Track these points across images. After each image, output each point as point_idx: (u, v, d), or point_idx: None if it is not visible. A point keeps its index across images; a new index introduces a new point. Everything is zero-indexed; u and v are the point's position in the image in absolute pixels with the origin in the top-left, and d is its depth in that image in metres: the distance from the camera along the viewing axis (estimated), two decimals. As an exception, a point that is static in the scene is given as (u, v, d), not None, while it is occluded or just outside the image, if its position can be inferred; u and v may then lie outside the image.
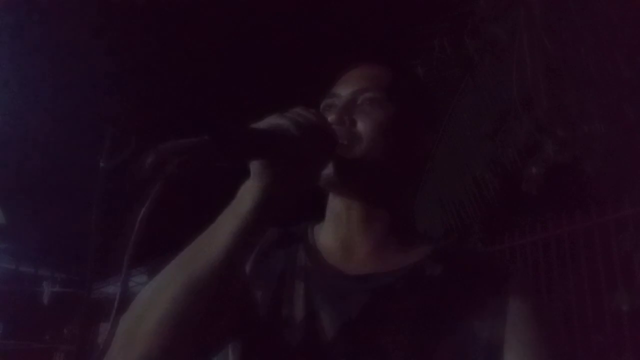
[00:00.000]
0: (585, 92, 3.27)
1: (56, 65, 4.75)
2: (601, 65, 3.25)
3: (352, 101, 1.00)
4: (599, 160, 3.30)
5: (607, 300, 3.47)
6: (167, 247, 0.97)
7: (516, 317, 0.87)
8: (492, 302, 0.88)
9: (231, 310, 0.88)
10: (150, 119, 4.95)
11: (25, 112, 4.91)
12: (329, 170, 0.93)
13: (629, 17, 3.18)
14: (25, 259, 5.57)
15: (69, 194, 5.46)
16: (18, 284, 5.97)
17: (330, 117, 0.97)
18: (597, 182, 3.44)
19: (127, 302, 0.86)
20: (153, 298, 0.83)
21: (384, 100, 0.99)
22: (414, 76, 1.18)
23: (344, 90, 1.03)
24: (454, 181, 4.10)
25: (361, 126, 0.97)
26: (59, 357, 6.40)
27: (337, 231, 1.02)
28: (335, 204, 1.02)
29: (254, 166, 0.81)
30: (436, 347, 0.85)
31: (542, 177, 3.43)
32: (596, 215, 3.66)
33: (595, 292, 3.64)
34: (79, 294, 5.33)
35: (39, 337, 6.29)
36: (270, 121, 0.83)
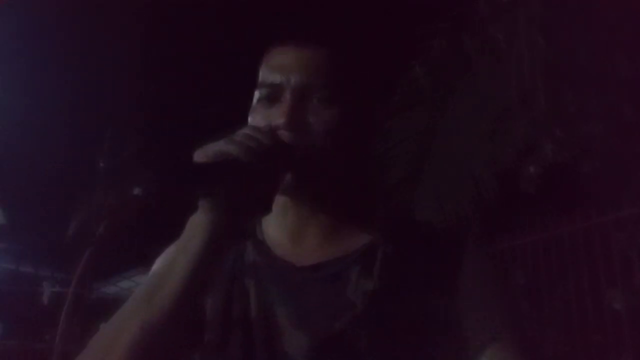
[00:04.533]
0: (583, 92, 3.28)
1: (56, 65, 4.76)
2: (600, 65, 3.25)
3: (300, 100, 0.90)
4: (598, 161, 3.31)
5: (607, 300, 3.48)
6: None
7: (472, 284, 0.85)
8: (447, 274, 0.86)
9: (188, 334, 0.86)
10: (150, 119, 4.97)
11: (26, 112, 4.92)
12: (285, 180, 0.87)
13: (629, 17, 3.19)
14: (25, 259, 5.59)
15: (69, 194, 5.46)
16: (18, 284, 5.98)
17: (279, 120, 0.88)
18: (596, 182, 3.45)
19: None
20: (111, 343, 0.79)
21: (335, 96, 0.90)
22: (357, 55, 1.02)
23: (280, 78, 0.92)
24: (452, 181, 4.10)
25: (315, 131, 0.89)
26: (59, 357, 6.40)
27: (285, 224, 0.96)
28: (281, 198, 0.94)
29: (202, 199, 0.78)
30: (395, 330, 0.82)
31: (540, 177, 3.44)
32: (596, 215, 3.66)
33: (595, 292, 3.64)
34: (79, 294, 5.34)
35: (39, 337, 6.28)
36: (216, 149, 0.79)
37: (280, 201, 0.94)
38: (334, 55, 0.93)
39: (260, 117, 0.92)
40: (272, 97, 0.92)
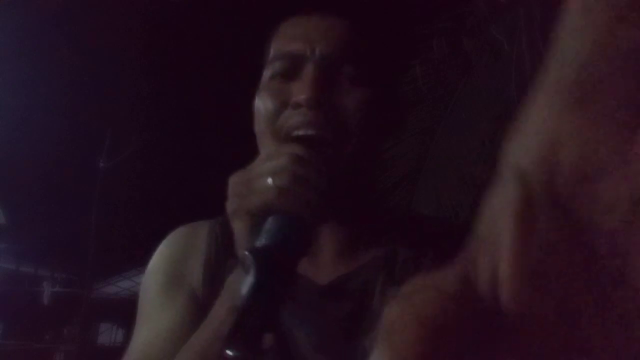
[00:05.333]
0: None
1: (57, 66, 4.77)
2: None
3: (325, 74, 0.73)
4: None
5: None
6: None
7: None
8: None
9: None
10: (149, 119, 4.97)
11: (26, 112, 4.93)
12: None
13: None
14: (25, 259, 5.59)
15: (69, 194, 5.47)
16: (18, 284, 5.99)
17: (300, 96, 0.72)
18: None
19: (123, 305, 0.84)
20: None
21: (367, 74, 0.75)
22: (388, 31, 0.88)
23: (301, 48, 0.75)
24: (451, 181, 4.10)
25: (343, 114, 0.74)
26: (59, 357, 6.40)
27: None
28: None
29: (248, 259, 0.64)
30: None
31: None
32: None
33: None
34: (79, 294, 5.35)
35: (39, 337, 6.29)
36: (261, 201, 0.64)
37: None
38: (365, 27, 0.79)
39: (270, 96, 0.77)
40: (290, 71, 0.76)
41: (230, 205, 0.68)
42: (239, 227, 0.69)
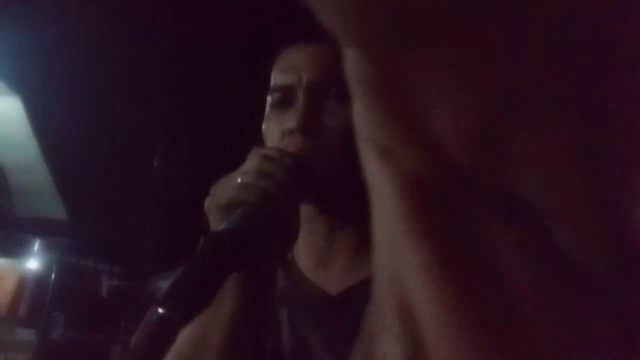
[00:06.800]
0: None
1: (113, 70, 4.98)
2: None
3: (314, 100, 0.81)
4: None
5: None
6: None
7: None
8: None
9: None
10: (201, 120, 5.13)
11: (85, 113, 5.16)
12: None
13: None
14: (85, 254, 5.84)
15: (127, 192, 5.69)
16: (78, 277, 6.23)
17: (291, 123, 0.79)
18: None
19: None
20: None
21: (348, 92, 0.77)
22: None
23: (291, 79, 0.82)
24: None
25: (333, 133, 0.81)
26: (116, 348, 6.62)
27: (313, 243, 0.86)
28: (308, 212, 0.85)
29: None
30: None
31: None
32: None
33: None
34: (135, 287, 5.57)
35: (98, 328, 6.52)
36: (230, 195, 0.67)
37: (306, 216, 0.84)
38: (332, 49, 0.80)
39: (273, 124, 0.87)
40: (285, 100, 0.86)
41: (206, 203, 0.75)
42: (211, 221, 0.76)
